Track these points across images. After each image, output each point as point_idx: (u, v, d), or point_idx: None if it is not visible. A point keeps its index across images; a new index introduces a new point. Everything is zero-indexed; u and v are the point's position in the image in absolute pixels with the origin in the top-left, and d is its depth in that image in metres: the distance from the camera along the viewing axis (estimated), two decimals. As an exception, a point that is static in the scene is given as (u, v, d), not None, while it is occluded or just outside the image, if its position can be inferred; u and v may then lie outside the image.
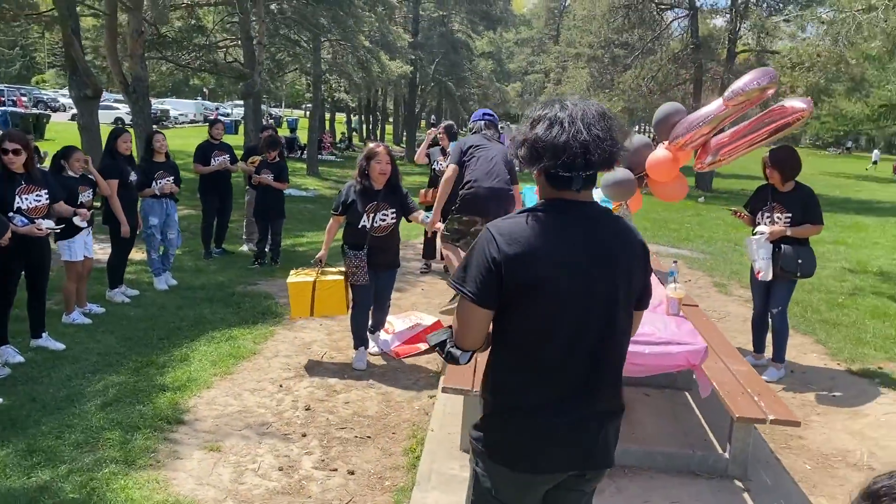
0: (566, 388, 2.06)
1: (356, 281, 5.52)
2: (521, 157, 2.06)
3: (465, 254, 2.10)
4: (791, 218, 5.47)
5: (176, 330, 6.27)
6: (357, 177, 5.53)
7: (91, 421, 4.43)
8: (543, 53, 52.73)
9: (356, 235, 5.51)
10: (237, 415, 4.70)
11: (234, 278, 8.19)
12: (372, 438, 4.50)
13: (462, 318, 2.08)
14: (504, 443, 2.11)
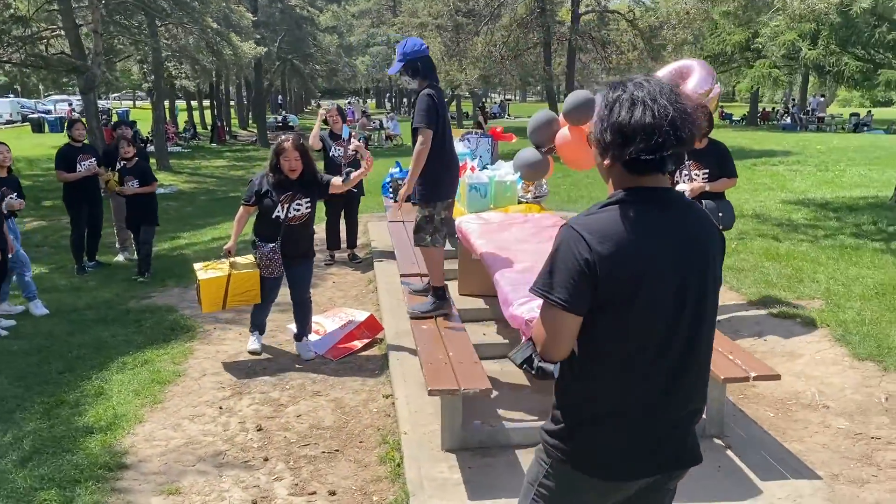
0: (660, 389, 1.94)
1: (269, 273, 5.34)
2: (604, 145, 1.88)
3: (548, 257, 1.90)
4: (708, 173, 5.62)
5: (76, 360, 5.61)
6: (269, 171, 5.24)
7: (15, 482, 3.84)
8: (383, 25, 52.14)
9: (269, 226, 5.26)
10: (185, 448, 4.25)
11: (122, 293, 7.48)
12: (340, 451, 4.22)
13: (552, 327, 1.89)
14: (594, 452, 1.98)
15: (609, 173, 1.94)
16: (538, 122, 6.40)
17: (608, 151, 1.88)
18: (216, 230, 11.10)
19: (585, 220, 1.87)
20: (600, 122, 1.89)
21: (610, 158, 1.89)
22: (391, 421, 4.55)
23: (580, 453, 1.99)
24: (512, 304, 3.78)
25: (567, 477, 2.03)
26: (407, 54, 4.65)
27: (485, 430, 4.10)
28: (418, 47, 4.70)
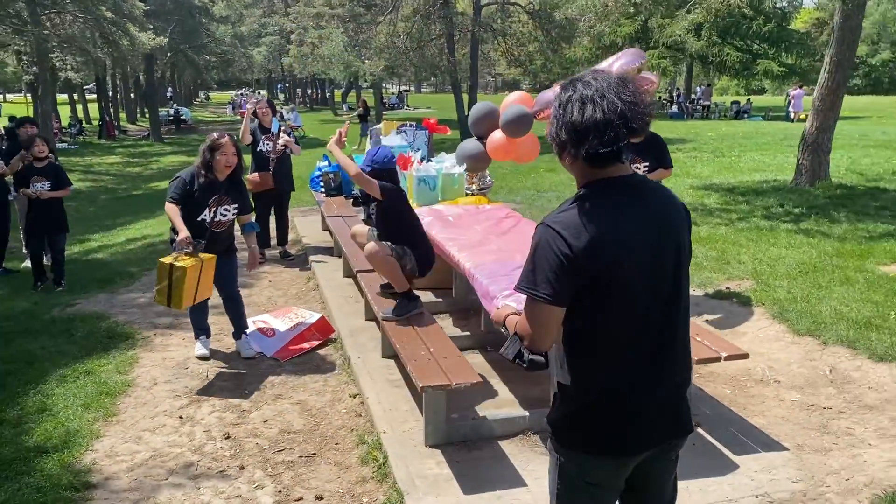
0: (648, 366, 2.08)
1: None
2: (561, 144, 1.99)
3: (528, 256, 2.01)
4: (648, 166, 5.82)
5: (6, 376, 5.22)
6: (200, 168, 5.04)
7: (-29, 512, 3.56)
8: (275, 14, 50.85)
9: (193, 228, 4.99)
10: (152, 462, 4.04)
11: (41, 301, 7.01)
12: (318, 455, 4.12)
13: (538, 321, 2.01)
14: (595, 432, 2.11)
15: (572, 169, 2.05)
16: (479, 115, 6.46)
17: (565, 150, 1.98)
18: (128, 231, 10.58)
19: (560, 217, 1.97)
20: (555, 121, 1.99)
21: (569, 156, 1.99)
22: (364, 421, 4.48)
23: (583, 436, 2.12)
24: (496, 296, 3.80)
25: (577, 461, 2.16)
26: (375, 162, 4.72)
27: (468, 423, 4.10)
28: (387, 158, 4.75)
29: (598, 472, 2.17)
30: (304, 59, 35.63)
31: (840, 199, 9.95)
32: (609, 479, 2.20)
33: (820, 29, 53.75)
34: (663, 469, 2.29)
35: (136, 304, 6.78)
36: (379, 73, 23.84)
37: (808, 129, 10.41)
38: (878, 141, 18.76)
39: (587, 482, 2.18)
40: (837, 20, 9.70)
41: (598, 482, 2.19)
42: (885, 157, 15.08)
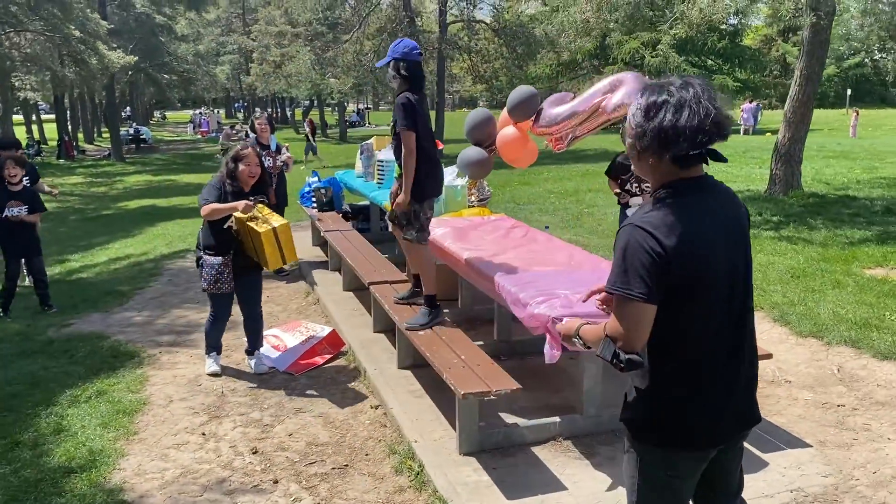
0: (728, 360, 2.17)
1: (218, 289, 5.10)
2: (643, 148, 2.05)
3: (617, 258, 2.07)
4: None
5: (12, 398, 5.10)
6: (225, 177, 5.05)
7: (6, 534, 3.48)
8: (233, 33, 50.62)
9: (221, 237, 5.01)
10: (183, 479, 4.00)
11: (34, 323, 6.86)
12: (350, 466, 4.12)
13: (633, 320, 2.05)
14: (681, 427, 2.18)
15: (652, 169, 2.11)
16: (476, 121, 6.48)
17: (649, 151, 2.05)
18: (108, 251, 10.39)
19: (648, 217, 2.04)
20: (642, 125, 2.04)
21: (652, 157, 2.06)
22: (390, 431, 4.49)
23: (668, 432, 2.18)
24: (528, 304, 3.86)
25: (660, 457, 2.23)
26: (394, 50, 4.63)
27: (500, 431, 4.14)
28: (409, 48, 4.65)
29: (681, 466, 2.24)
30: (267, 77, 35.57)
31: (814, 207, 10.28)
32: (691, 472, 2.27)
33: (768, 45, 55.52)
34: (734, 457, 2.38)
35: (133, 323, 6.68)
36: (346, 91, 23.82)
37: (780, 140, 10.75)
38: (835, 152, 19.40)
39: (670, 476, 2.25)
40: (807, 35, 10.08)
41: (681, 475, 2.25)
42: (846, 168, 15.62)
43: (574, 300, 3.82)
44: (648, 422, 2.22)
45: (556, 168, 18.02)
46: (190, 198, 16.44)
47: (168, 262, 9.02)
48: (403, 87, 4.65)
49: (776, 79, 55.76)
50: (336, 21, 24.80)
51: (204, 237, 5.15)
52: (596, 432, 4.23)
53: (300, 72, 22.52)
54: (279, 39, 35.00)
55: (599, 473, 3.84)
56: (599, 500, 3.60)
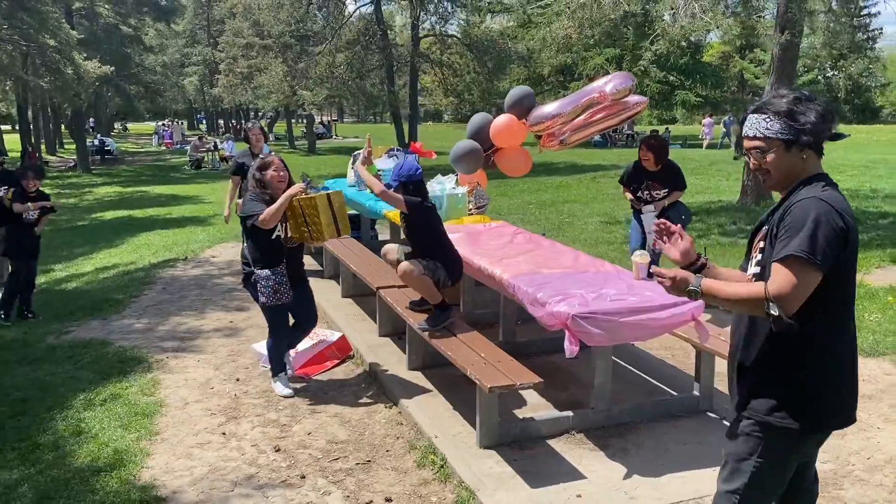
0: (854, 343, 2.41)
1: (279, 300, 4.98)
2: (807, 142, 2.28)
3: (808, 227, 2.18)
4: (667, 191, 6.37)
5: (22, 403, 5.14)
6: (257, 189, 5.09)
7: (46, 530, 3.55)
8: (198, 44, 50.35)
9: (271, 248, 4.99)
10: (213, 476, 4.10)
11: (29, 330, 6.86)
12: (373, 461, 4.27)
13: (805, 285, 2.18)
14: (825, 410, 2.33)
15: (804, 164, 2.32)
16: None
17: (809, 146, 2.29)
18: (92, 260, 10.35)
19: (829, 197, 2.25)
20: (819, 122, 2.27)
21: (812, 151, 2.31)
22: (407, 429, 4.65)
23: (812, 415, 2.32)
24: (547, 303, 4.06)
25: (794, 439, 2.34)
26: (401, 175, 4.87)
27: (517, 424, 4.33)
28: (413, 171, 4.90)
29: (806, 448, 2.41)
30: (234, 88, 35.47)
31: (785, 216, 10.70)
32: (810, 453, 2.45)
33: (726, 62, 56.97)
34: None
35: (134, 330, 6.72)
36: (319, 102, 23.93)
37: (752, 152, 11.15)
38: (797, 165, 20.05)
39: (794, 458, 2.39)
40: (776, 52, 10.53)
41: (801, 456, 2.43)
42: (809, 180, 16.19)
43: (590, 298, 4.04)
44: (790, 405, 2.30)
45: (531, 181, 18.31)
46: (166, 208, 16.38)
47: (159, 271, 9.04)
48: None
49: (734, 94, 57.31)
50: (305, 33, 24.90)
51: (251, 252, 5.06)
52: (607, 425, 4.44)
53: (272, 83, 22.51)
54: (247, 51, 35.05)
55: (614, 463, 4.05)
56: (618, 487, 3.80)
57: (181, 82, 35.16)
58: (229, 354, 6.02)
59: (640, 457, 4.13)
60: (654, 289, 4.32)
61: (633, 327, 3.98)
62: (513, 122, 6.44)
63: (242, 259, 5.22)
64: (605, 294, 4.11)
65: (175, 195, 19.64)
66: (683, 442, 4.29)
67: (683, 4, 8.09)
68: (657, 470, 3.96)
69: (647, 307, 4.00)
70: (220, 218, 13.70)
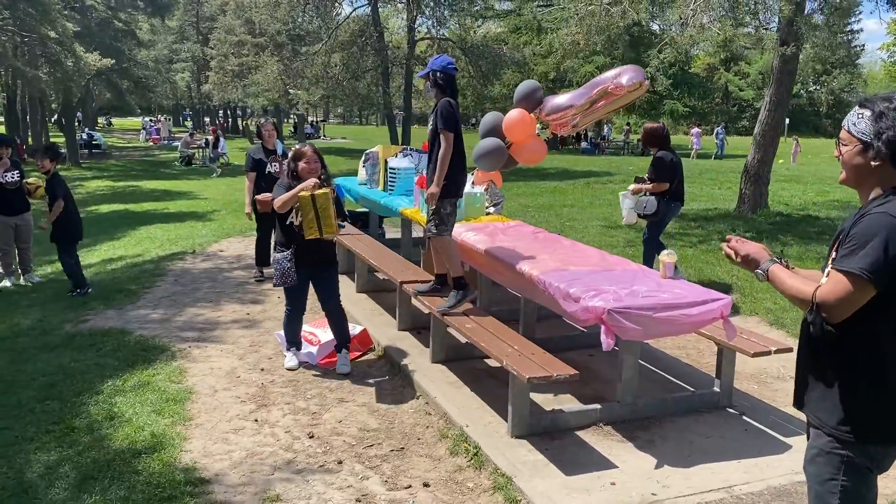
0: None
1: (285, 283, 5.31)
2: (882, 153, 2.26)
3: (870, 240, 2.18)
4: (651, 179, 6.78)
5: (49, 388, 5.19)
6: (288, 179, 5.26)
7: (96, 507, 3.63)
8: (187, 41, 50.13)
9: (285, 234, 5.30)
10: (252, 460, 4.19)
11: (44, 318, 6.88)
12: (406, 449, 4.38)
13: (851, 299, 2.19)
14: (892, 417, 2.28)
15: (876, 172, 2.30)
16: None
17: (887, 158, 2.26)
18: (96, 252, 10.32)
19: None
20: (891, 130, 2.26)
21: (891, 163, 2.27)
22: (436, 418, 4.76)
23: (888, 427, 2.30)
24: (580, 298, 4.19)
25: (871, 453, 2.30)
26: (434, 66, 5.00)
27: (547, 416, 4.46)
28: (445, 63, 5.04)
29: (888, 461, 2.34)
30: (224, 86, 35.41)
31: (781, 225, 10.95)
32: (890, 464, 2.38)
33: (711, 74, 57.74)
34: None
35: (151, 320, 6.77)
36: (314, 102, 23.98)
37: (750, 161, 11.43)
38: (786, 176, 20.43)
39: (876, 472, 2.33)
40: (776, 65, 10.78)
41: (882, 469, 2.34)
42: (799, 191, 16.52)
43: (623, 294, 4.18)
44: (863, 420, 2.27)
45: (524, 185, 18.52)
46: (162, 203, 16.35)
47: (168, 264, 9.08)
48: (441, 95, 5.00)
49: (718, 105, 58.09)
50: (299, 33, 24.93)
51: (276, 235, 5.46)
52: (632, 418, 4.59)
53: (267, 81, 22.54)
54: (238, 49, 35.01)
55: (643, 454, 4.19)
56: (649, 476, 3.94)
57: (172, 78, 34.94)
58: (251, 345, 6.10)
59: (667, 448, 4.27)
60: (683, 287, 4.50)
61: (666, 323, 4.12)
62: (524, 115, 6.56)
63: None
64: (637, 291, 4.26)
65: (168, 190, 19.59)
66: (707, 435, 4.44)
67: (692, 15, 8.32)
68: (685, 461, 4.11)
69: (679, 304, 4.14)
70: (220, 214, 13.78)
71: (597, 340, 5.69)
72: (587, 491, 3.78)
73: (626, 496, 3.74)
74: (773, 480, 3.92)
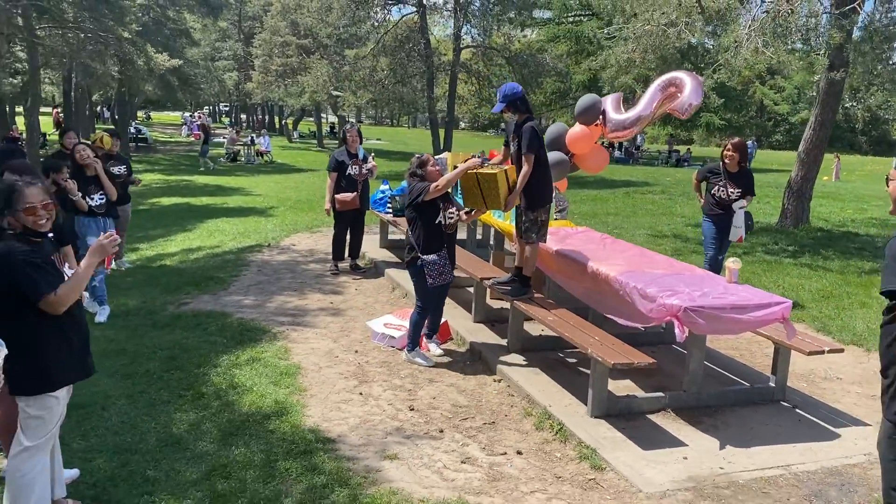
0: None
1: (444, 280, 5.78)
2: None
3: None
4: (741, 193, 7.10)
5: (170, 360, 5.86)
6: (415, 182, 5.83)
7: (238, 458, 4.26)
8: (229, 39, 51.30)
9: (434, 234, 5.76)
10: (366, 426, 4.81)
11: (148, 300, 7.58)
12: (496, 423, 4.97)
13: None
14: None
15: None
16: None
17: None
18: (172, 242, 11.06)
19: None
20: None
21: None
22: (519, 399, 5.36)
23: None
24: (657, 297, 4.76)
25: None
26: (507, 96, 5.61)
27: (623, 400, 5.04)
28: (516, 89, 5.66)
29: None
30: (268, 85, 36.32)
31: (822, 240, 11.41)
32: None
33: (746, 87, 57.77)
34: None
35: (245, 305, 7.44)
36: (361, 105, 24.75)
37: (793, 177, 11.91)
38: (823, 192, 20.74)
39: None
40: (823, 86, 11.26)
41: None
42: (837, 207, 16.90)
43: (696, 295, 4.75)
44: None
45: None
46: (219, 198, 17.10)
47: (248, 255, 9.77)
48: (524, 116, 5.63)
49: (752, 119, 58.10)
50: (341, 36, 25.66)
51: (416, 238, 5.81)
52: (696, 406, 5.15)
53: (317, 83, 23.32)
54: (283, 49, 35.94)
55: (708, 436, 4.75)
56: (716, 454, 4.51)
57: (221, 76, 36.02)
58: (341, 330, 6.73)
59: (729, 432, 4.83)
60: (748, 290, 5.06)
61: (733, 322, 4.69)
62: (587, 131, 7.13)
63: (407, 244, 5.95)
64: (708, 292, 4.82)
65: (220, 186, 20.39)
66: (765, 423, 4.99)
67: (748, 38, 8.83)
68: (746, 443, 4.66)
69: (746, 305, 4.71)
70: (278, 210, 14.49)
71: (655, 339, 6.32)
72: (664, 463, 4.35)
73: (697, 468, 4.31)
74: (826, 462, 4.47)
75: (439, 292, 5.96)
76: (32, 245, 3.21)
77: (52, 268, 3.24)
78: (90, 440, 4.46)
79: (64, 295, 3.16)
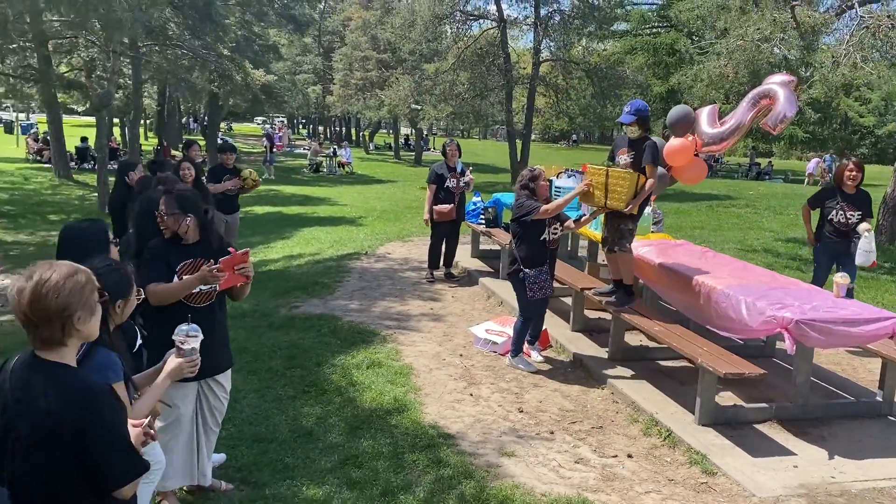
0: None
1: (545, 294, 6.02)
2: None
3: None
4: (861, 215, 6.86)
5: (291, 359, 6.26)
6: (524, 195, 6.08)
7: (366, 450, 4.60)
8: (309, 53, 52.83)
9: (538, 249, 6.01)
10: (481, 425, 5.09)
11: (260, 303, 8.05)
12: (603, 428, 5.19)
13: None
14: None
15: None
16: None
17: None
18: (274, 249, 11.63)
19: None
20: None
21: None
22: (623, 406, 5.55)
23: None
24: (766, 310, 4.90)
25: None
26: (640, 111, 5.82)
27: (730, 409, 5.18)
28: (646, 107, 5.89)
29: None
30: (348, 98, 37.31)
31: (919, 257, 11.18)
32: None
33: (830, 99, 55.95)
34: None
35: (352, 310, 7.84)
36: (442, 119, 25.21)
37: (889, 193, 11.70)
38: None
39: None
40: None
41: None
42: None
43: (806, 309, 4.87)
44: None
45: (647, 205, 19.01)
46: (308, 208, 17.75)
47: (348, 262, 10.22)
48: (644, 132, 5.85)
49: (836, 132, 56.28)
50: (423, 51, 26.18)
51: (519, 252, 6.06)
52: (803, 418, 5.24)
53: (399, 97, 23.89)
54: (363, 63, 36.90)
55: (817, 447, 4.86)
56: (826, 464, 4.62)
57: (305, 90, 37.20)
58: (444, 335, 7.05)
59: (838, 444, 4.92)
60: (857, 305, 5.14)
61: (843, 336, 4.79)
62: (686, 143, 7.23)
63: (510, 257, 6.23)
64: (818, 306, 4.94)
65: (307, 196, 21.11)
66: (873, 436, 5.06)
67: (845, 54, 8.79)
68: (856, 455, 4.75)
69: (856, 320, 4.80)
70: (367, 220, 14.99)
71: (755, 351, 6.40)
72: (774, 470, 4.49)
73: (808, 477, 4.44)
74: (939, 476, 4.52)
75: (540, 304, 6.18)
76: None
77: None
78: (229, 429, 4.87)
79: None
